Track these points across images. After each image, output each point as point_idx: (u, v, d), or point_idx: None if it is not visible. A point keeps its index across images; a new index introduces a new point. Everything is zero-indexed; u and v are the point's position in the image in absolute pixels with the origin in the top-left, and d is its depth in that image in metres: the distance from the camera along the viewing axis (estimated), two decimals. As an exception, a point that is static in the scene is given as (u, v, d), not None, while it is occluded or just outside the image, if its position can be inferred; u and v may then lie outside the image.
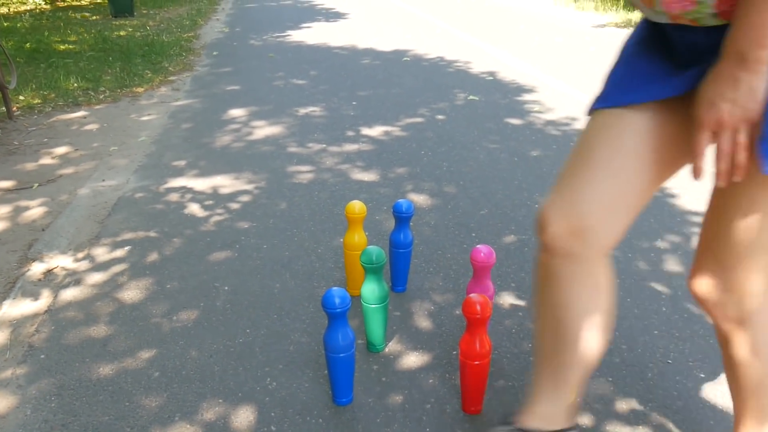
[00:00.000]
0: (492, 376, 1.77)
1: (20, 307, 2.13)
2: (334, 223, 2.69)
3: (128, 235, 2.61)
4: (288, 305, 2.11)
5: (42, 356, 1.86)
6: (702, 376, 1.79)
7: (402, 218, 2.08)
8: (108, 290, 2.21)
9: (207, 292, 2.19)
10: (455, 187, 3.10)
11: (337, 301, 1.53)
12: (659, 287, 2.23)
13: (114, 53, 6.60)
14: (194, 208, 2.85)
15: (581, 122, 4.20)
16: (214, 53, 6.74)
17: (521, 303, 2.13)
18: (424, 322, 2.03)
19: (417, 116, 4.33)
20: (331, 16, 9.87)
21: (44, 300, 2.16)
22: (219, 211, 2.82)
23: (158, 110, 4.54)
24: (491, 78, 5.54)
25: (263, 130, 4.02)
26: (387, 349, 1.89)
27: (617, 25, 8.86)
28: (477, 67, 6.01)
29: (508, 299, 2.16)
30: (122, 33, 8.07)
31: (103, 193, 3.06)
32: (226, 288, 2.21)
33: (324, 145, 3.72)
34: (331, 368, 1.62)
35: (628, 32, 5.36)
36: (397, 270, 2.16)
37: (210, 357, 1.86)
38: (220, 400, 1.69)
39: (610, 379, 1.77)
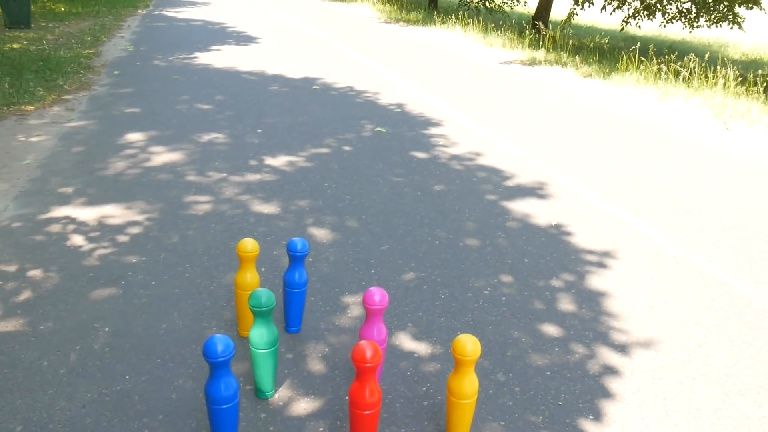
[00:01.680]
0: (384, 422, 1.71)
1: None
2: (229, 258, 2.59)
3: (2, 268, 2.41)
4: (174, 348, 1.99)
5: None
6: (591, 417, 1.80)
7: (296, 257, 2.01)
8: (-28, 331, 2.02)
9: (85, 333, 2.04)
10: (357, 221, 3.06)
11: (219, 348, 1.45)
12: (552, 327, 2.25)
13: (3, 67, 6.21)
14: (78, 240, 2.68)
15: (486, 157, 4.27)
16: (116, 72, 6.47)
17: (417, 344, 2.10)
18: (317, 366, 1.96)
19: (323, 146, 4.29)
20: (242, 39, 9.73)
21: None
22: (105, 243, 2.66)
23: (48, 131, 4.28)
24: (399, 110, 5.58)
25: (161, 156, 3.86)
26: (276, 395, 1.81)
27: (523, 63, 9.18)
28: (386, 98, 6.05)
29: (404, 340, 2.12)
30: (15, 45, 7.64)
31: (-23, 221, 2.83)
32: (107, 329, 2.07)
33: (225, 174, 3.60)
34: (212, 420, 1.52)
35: (533, 69, 5.56)
36: (290, 310, 2.08)
37: (82, 407, 1.71)
38: (89, 457, 1.55)
39: (503, 423, 1.76)
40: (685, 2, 11.60)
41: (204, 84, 6.08)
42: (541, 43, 10.89)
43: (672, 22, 12.07)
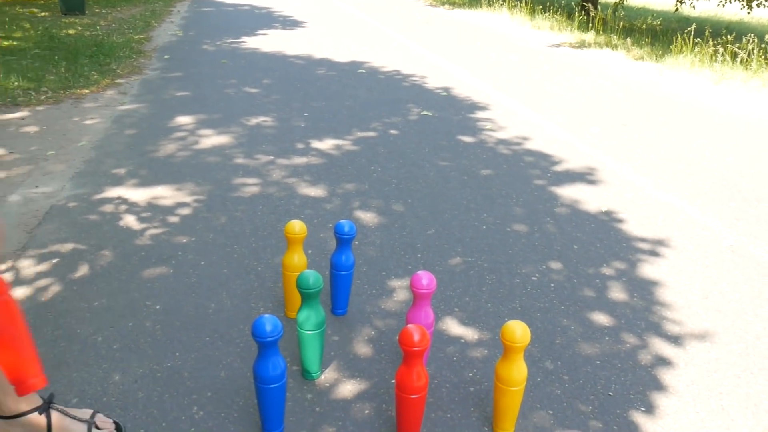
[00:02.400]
0: (430, 406, 1.71)
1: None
2: (276, 240, 2.61)
3: (58, 247, 2.48)
4: (222, 327, 2.01)
5: None
6: (642, 409, 1.76)
7: (344, 239, 2.01)
8: (30, 306, 2.07)
9: (137, 311, 2.08)
10: (403, 205, 3.05)
11: (268, 328, 1.45)
12: (602, 316, 2.21)
13: (60, 52, 6.37)
14: (130, 220, 2.73)
15: (533, 141, 4.20)
16: (166, 57, 6.57)
17: (464, 330, 2.08)
18: (362, 348, 1.96)
19: (369, 130, 4.28)
20: (289, 23, 9.77)
21: None
22: (156, 223, 2.71)
23: (102, 114, 4.37)
24: (446, 94, 5.53)
25: (210, 139, 3.90)
26: (322, 377, 1.81)
27: (572, 45, 8.99)
28: (432, 82, 5.99)
29: (450, 325, 2.10)
30: (71, 31, 7.82)
31: (34, 201, 2.91)
32: (158, 307, 2.11)
33: (272, 157, 3.63)
34: (260, 399, 1.53)
35: (582, 52, 5.45)
36: (337, 292, 2.09)
37: (135, 382, 1.75)
38: (142, 430, 1.58)
39: (550, 411, 1.73)
40: (744, -18, 11.17)
41: (251, 68, 6.12)
42: (590, 25, 10.64)
43: (730, 2, 11.64)
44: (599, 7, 12.22)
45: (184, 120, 4.27)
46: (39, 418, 1.46)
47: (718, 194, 3.43)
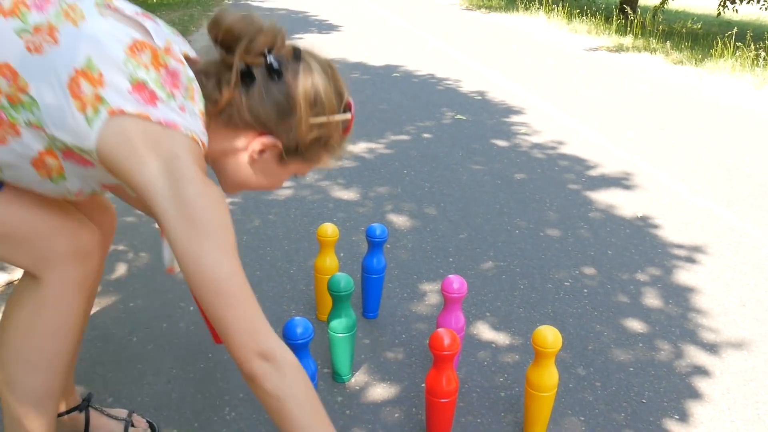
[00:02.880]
0: (460, 411, 1.70)
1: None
2: (309, 243, 2.63)
3: (96, 248, 2.53)
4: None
5: None
6: (676, 417, 1.73)
7: (375, 243, 2.02)
8: (69, 306, 2.13)
9: (171, 311, 2.12)
10: (436, 209, 3.05)
11: (298, 331, 1.47)
12: (636, 322, 2.18)
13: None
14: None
15: (568, 146, 4.16)
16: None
17: (495, 334, 2.07)
18: (393, 352, 1.96)
19: (403, 134, 4.29)
20: (324, 27, 9.84)
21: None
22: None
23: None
24: (480, 98, 5.51)
25: (245, 142, 3.95)
26: (353, 380, 1.82)
27: (609, 49, 8.89)
28: (467, 86, 5.98)
29: (482, 330, 2.10)
30: (111, 37, 7.99)
31: (74, 203, 2.98)
32: (192, 308, 2.14)
33: (306, 161, 3.65)
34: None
35: (619, 56, 5.39)
36: (368, 296, 2.09)
37: (168, 383, 1.78)
38: (175, 430, 1.61)
39: (582, 418, 1.71)
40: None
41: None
42: (628, 28, 10.51)
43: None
44: (638, 11, 12.06)
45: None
46: (77, 417, 1.50)
47: (757, 200, 3.36)
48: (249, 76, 1.09)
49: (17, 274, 2.34)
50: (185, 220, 0.98)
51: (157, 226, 2.63)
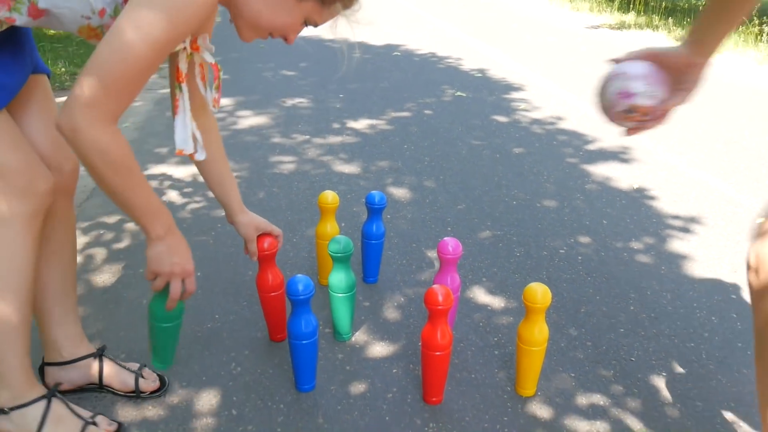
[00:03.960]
0: (455, 367, 1.78)
1: None
2: (311, 214, 2.70)
3: (105, 219, 2.61)
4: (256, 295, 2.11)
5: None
6: (663, 374, 1.80)
7: (374, 209, 2.08)
8: (81, 273, 2.20)
9: (179, 277, 2.19)
10: (435, 181, 3.11)
11: (300, 287, 1.54)
12: (629, 287, 2.25)
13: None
14: (173, 195, 2.85)
15: (567, 121, 4.21)
16: (206, 42, 6.71)
17: (491, 298, 2.14)
18: (392, 314, 2.04)
19: (403, 110, 4.34)
20: (326, 8, 9.84)
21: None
22: (197, 198, 2.82)
23: (144, 97, 4.52)
24: (480, 75, 5.55)
25: (248, 120, 4.02)
26: (353, 339, 1.90)
27: (611, 27, 8.88)
28: (467, 64, 6.01)
29: (478, 294, 2.17)
30: (115, 18, 8.03)
31: (82, 178, 3.01)
32: (199, 274, 2.21)
33: (308, 137, 3.72)
34: (293, 355, 1.63)
35: (621, 34, 5.41)
36: (368, 261, 2.17)
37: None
38: (184, 383, 1.69)
39: (572, 374, 1.79)
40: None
41: (288, 52, 6.22)
42: (631, 6, 10.48)
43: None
44: (641, -12, 12.00)
45: (223, 102, 4.39)
46: (93, 363, 1.58)
47: (754, 173, 3.41)
48: None
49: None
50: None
51: (166, 198, 2.70)
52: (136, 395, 1.62)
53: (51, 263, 1.51)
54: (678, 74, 1.22)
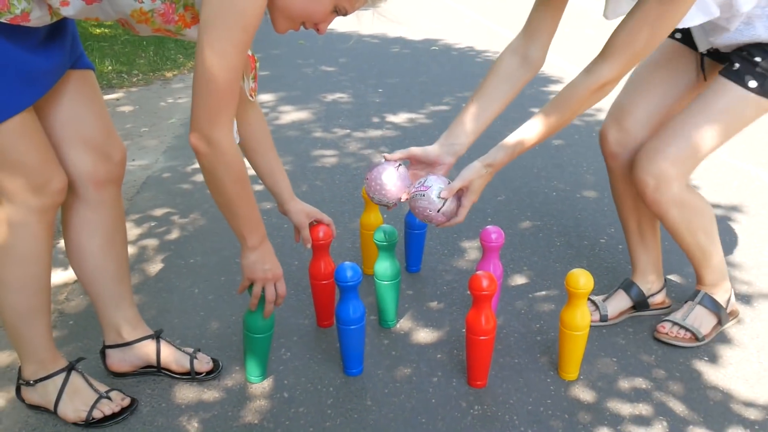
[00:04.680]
0: (498, 352, 1.82)
1: (53, 277, 2.24)
2: (353, 206, 2.76)
3: (155, 212, 2.71)
4: (305, 281, 2.18)
5: (71, 322, 1.97)
6: (705, 359, 1.82)
7: (417, 200, 2.13)
8: (134, 263, 2.31)
9: (228, 267, 2.28)
10: (475, 173, 3.14)
11: (349, 274, 1.61)
12: (670, 275, 2.26)
13: (148, 38, 6.73)
14: (219, 188, 2.94)
15: (604, 112, 4.19)
16: (246, 40, 6.83)
17: (532, 286, 2.18)
18: (435, 302, 2.09)
19: (442, 104, 4.38)
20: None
21: (70, 272, 2.26)
22: (243, 191, 2.90)
23: (189, 94, 4.63)
24: (518, 68, 5.54)
25: (290, 115, 4.10)
26: (398, 326, 1.96)
27: (650, 17, 8.75)
28: (505, 56, 6.00)
29: (519, 282, 2.21)
30: (157, 19, 8.21)
31: (132, 172, 3.17)
32: (247, 264, 2.29)
33: (348, 131, 3.79)
34: (342, 340, 1.69)
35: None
36: (411, 251, 2.22)
37: (228, 328, 1.94)
38: (237, 368, 1.77)
39: (614, 359, 1.81)
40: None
41: (327, 48, 6.30)
42: (672, -4, 10.26)
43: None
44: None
45: (265, 98, 4.49)
46: (150, 344, 1.67)
47: (798, 161, 3.36)
48: None
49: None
50: (221, 6, 1.16)
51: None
52: (191, 377, 1.71)
53: (105, 250, 1.60)
54: (431, 168, 1.73)
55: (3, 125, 1.26)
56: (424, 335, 1.92)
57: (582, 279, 1.59)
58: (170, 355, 1.70)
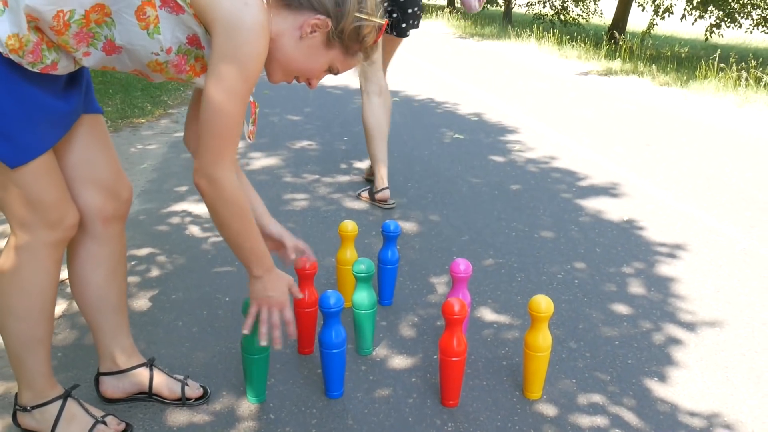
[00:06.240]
0: (468, 376, 1.97)
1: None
2: (326, 246, 2.91)
3: (134, 252, 2.81)
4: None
5: (59, 354, 2.04)
6: (655, 379, 2.00)
7: (389, 237, 2.30)
8: (118, 299, 2.39)
9: (209, 302, 2.39)
10: (439, 216, 3.34)
11: (332, 301, 1.75)
12: (622, 306, 2.45)
13: (114, 86, 6.84)
14: (195, 230, 3.06)
15: (560, 160, 4.47)
16: (212, 89, 6.99)
17: (497, 316, 2.35)
18: (408, 331, 2.24)
19: (405, 152, 4.59)
20: (324, 57, 10.22)
21: (61, 306, 2.33)
22: (217, 233, 3.02)
23: (159, 140, 4.76)
24: (477, 119, 5.83)
25: (260, 161, 4.25)
26: (375, 353, 2.09)
27: (598, 73, 9.27)
28: (464, 108, 6.31)
29: (485, 313, 2.37)
30: (122, 68, 8.33)
31: (109, 215, 3.25)
32: (227, 299, 2.41)
33: (317, 176, 3.95)
34: (325, 364, 1.81)
35: (608, 80, 5.74)
36: (384, 285, 2.37)
37: (213, 357, 2.05)
38: (224, 393, 1.87)
39: (573, 380, 1.98)
40: (768, 8, 11.38)
41: (292, 98, 6.52)
42: (617, 53, 10.91)
43: (758, 28, 11.81)
44: (627, 36, 12.50)
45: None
46: (143, 372, 1.77)
47: (735, 205, 3.66)
48: None
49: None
50: (227, 57, 1.31)
51: (189, 233, 2.89)
52: (182, 402, 1.80)
53: (108, 281, 1.71)
54: None
55: (29, 165, 1.38)
56: (399, 361, 2.06)
57: (543, 303, 1.76)
58: (162, 382, 1.80)
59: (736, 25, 12.18)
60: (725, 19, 11.95)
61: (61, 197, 1.49)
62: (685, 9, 12.37)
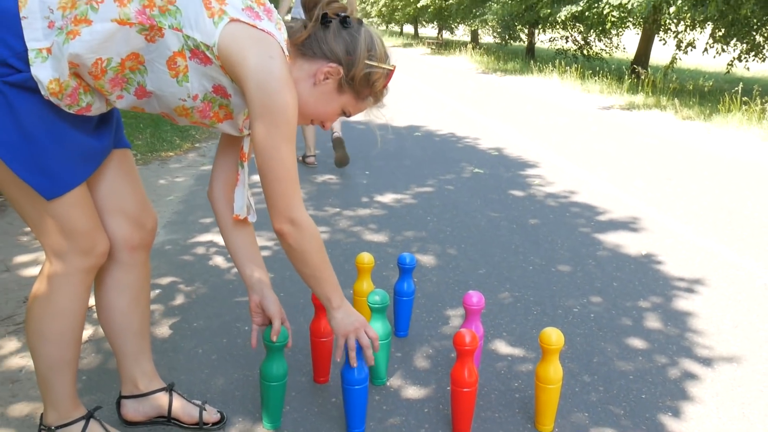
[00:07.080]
0: (480, 407, 1.99)
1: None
2: (345, 277, 2.96)
3: (159, 281, 2.89)
4: (302, 344, 2.35)
5: (84, 377, 2.11)
6: (669, 414, 2.00)
7: (405, 269, 2.34)
8: (141, 327, 2.46)
9: (229, 330, 2.45)
10: (457, 249, 3.38)
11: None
12: (638, 340, 2.46)
13: (144, 120, 7.04)
14: (218, 260, 3.14)
15: (580, 195, 4.49)
16: (238, 124, 7.16)
17: (511, 349, 2.37)
18: (422, 363, 2.26)
19: (425, 186, 4.65)
20: (349, 92, 10.41)
21: (88, 331, 2.41)
22: (241, 262, 3.10)
23: (186, 173, 4.89)
24: (497, 153, 5.89)
25: (282, 193, 4.33)
26: (388, 383, 2.12)
27: (621, 108, 9.29)
28: (484, 143, 6.38)
29: (499, 345, 2.39)
30: (152, 103, 8.57)
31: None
32: (246, 328, 2.47)
33: (338, 209, 4.02)
34: (346, 399, 1.80)
35: (631, 114, 5.80)
36: (400, 316, 2.41)
37: (231, 384, 2.10)
38: (240, 419, 1.92)
39: (586, 414, 1.99)
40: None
41: (316, 133, 6.63)
42: (640, 87, 10.93)
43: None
44: (649, 70, 12.53)
45: (257, 178, 4.73)
46: (164, 397, 1.82)
47: (756, 240, 3.64)
48: (327, 20, 1.51)
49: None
50: (264, 108, 1.39)
51: (212, 263, 2.97)
52: (199, 427, 1.85)
53: (132, 307, 1.78)
54: None
55: (64, 197, 1.47)
56: (412, 392, 2.08)
57: (554, 336, 1.79)
58: (181, 407, 1.85)
59: (759, 58, 12.14)
60: (750, 52, 11.92)
61: (93, 226, 1.57)
62: (707, 43, 12.37)
